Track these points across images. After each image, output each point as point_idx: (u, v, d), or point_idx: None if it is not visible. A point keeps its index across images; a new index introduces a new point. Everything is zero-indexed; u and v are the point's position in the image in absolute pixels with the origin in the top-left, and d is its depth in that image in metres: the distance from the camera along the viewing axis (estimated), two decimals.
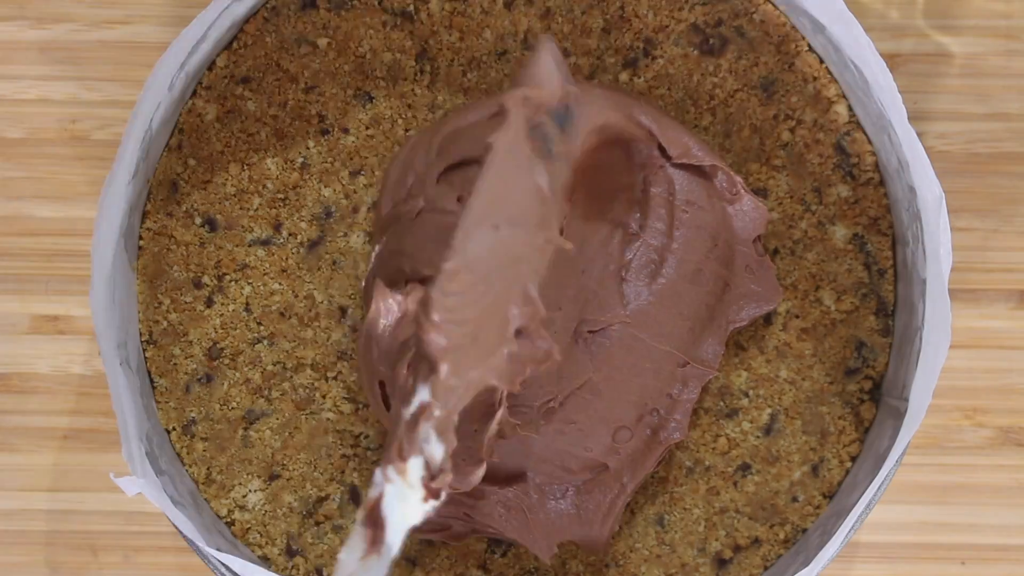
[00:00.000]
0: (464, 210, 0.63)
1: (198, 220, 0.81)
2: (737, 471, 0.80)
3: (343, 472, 0.81)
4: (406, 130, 0.81)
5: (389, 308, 0.73)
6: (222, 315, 0.81)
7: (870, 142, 0.80)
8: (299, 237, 0.81)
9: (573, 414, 0.76)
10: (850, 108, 0.80)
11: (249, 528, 0.80)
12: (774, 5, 0.80)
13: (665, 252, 0.77)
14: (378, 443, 0.81)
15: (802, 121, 0.80)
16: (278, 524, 0.80)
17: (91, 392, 0.84)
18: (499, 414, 0.70)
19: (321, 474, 0.80)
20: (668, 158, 0.77)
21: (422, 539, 0.79)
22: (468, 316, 0.63)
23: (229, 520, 0.80)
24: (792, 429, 0.80)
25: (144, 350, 0.80)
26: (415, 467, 0.63)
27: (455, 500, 0.77)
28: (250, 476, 0.80)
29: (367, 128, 0.81)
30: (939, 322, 0.71)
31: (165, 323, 0.80)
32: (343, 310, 0.81)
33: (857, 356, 0.80)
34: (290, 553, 0.80)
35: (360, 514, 0.63)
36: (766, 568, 0.80)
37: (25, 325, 0.84)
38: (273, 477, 0.80)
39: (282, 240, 0.81)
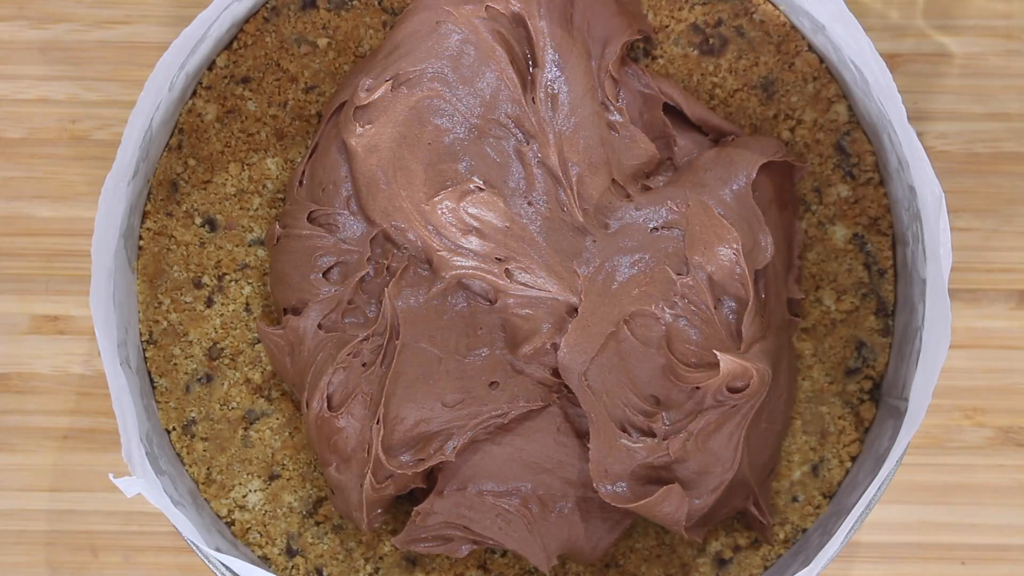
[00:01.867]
0: None
1: (198, 220, 0.81)
2: None
3: None
4: None
5: (277, 345, 0.78)
6: (222, 315, 0.80)
7: (870, 142, 0.80)
8: None
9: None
10: (850, 108, 0.80)
11: (249, 528, 0.80)
12: (774, 5, 0.80)
13: None
14: None
15: (802, 121, 0.80)
16: (278, 524, 0.80)
17: (91, 392, 0.84)
18: None
19: (321, 474, 0.80)
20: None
21: (423, 552, 0.79)
22: None
23: (229, 520, 0.80)
24: (792, 429, 0.80)
25: (144, 350, 0.80)
26: None
27: (454, 514, 0.76)
28: (250, 476, 0.80)
29: None
30: (939, 322, 0.71)
31: (165, 323, 0.80)
32: None
33: (857, 356, 0.80)
34: (290, 553, 0.80)
35: None
36: (766, 568, 0.80)
37: (25, 325, 0.84)
38: (273, 477, 0.80)
39: None
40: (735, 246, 0.75)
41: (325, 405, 0.76)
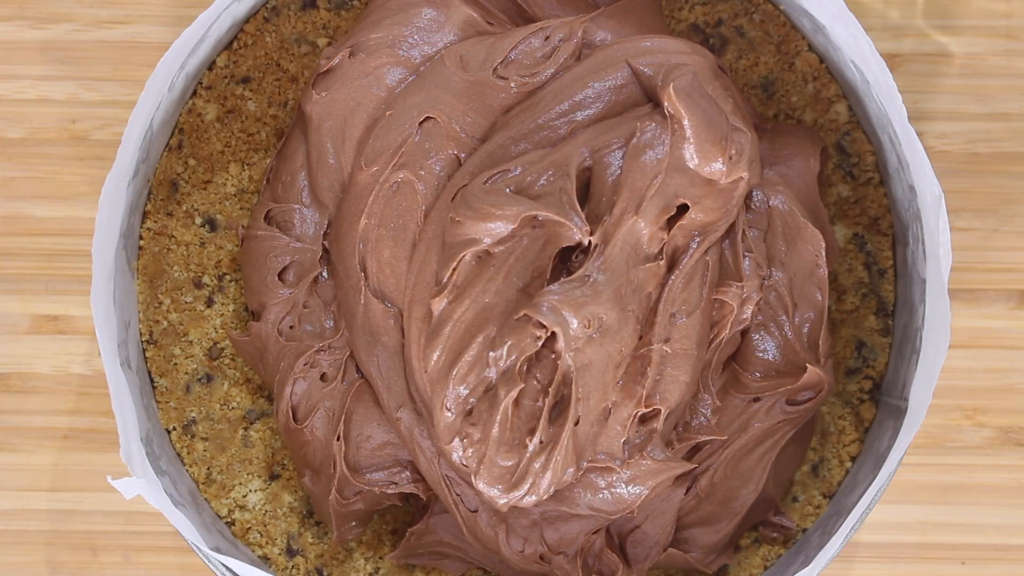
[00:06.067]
0: None
1: (198, 220, 0.81)
2: None
3: None
4: None
5: (245, 349, 0.77)
6: (222, 315, 0.81)
7: (870, 142, 0.80)
8: None
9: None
10: (850, 108, 0.80)
11: (249, 528, 0.80)
12: (774, 5, 0.80)
13: None
14: None
15: (802, 121, 0.80)
16: (278, 524, 0.80)
17: (91, 392, 0.84)
18: None
19: None
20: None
21: (420, 564, 0.79)
22: None
23: (229, 520, 0.80)
24: None
25: (144, 350, 0.80)
26: None
27: (449, 535, 0.75)
28: (250, 476, 0.80)
29: None
30: (939, 322, 0.71)
31: (165, 323, 0.80)
32: None
33: (857, 356, 0.80)
34: (290, 553, 0.80)
35: None
36: (766, 568, 0.80)
37: (25, 325, 0.84)
38: (273, 477, 0.80)
39: None
40: (820, 248, 0.73)
41: (291, 416, 0.75)
